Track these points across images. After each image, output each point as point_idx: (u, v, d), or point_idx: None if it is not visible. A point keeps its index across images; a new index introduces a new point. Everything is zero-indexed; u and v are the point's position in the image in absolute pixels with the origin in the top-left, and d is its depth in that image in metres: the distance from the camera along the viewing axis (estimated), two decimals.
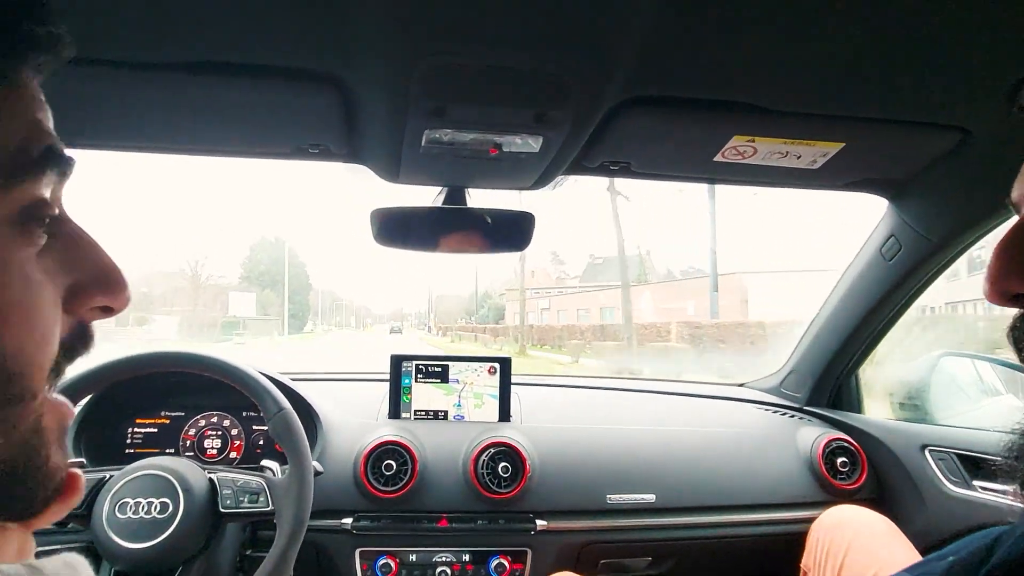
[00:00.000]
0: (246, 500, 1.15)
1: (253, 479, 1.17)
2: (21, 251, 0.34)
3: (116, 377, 1.22)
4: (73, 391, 1.17)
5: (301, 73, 0.84)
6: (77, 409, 1.41)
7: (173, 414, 1.52)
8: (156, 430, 1.50)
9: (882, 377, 1.75)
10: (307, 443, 1.17)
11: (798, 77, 0.86)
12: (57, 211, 0.37)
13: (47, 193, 0.35)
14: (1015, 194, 0.51)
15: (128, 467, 1.13)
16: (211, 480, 1.16)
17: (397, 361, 1.59)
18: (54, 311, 0.36)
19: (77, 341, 0.39)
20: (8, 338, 0.33)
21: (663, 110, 0.93)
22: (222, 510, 1.14)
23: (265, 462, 1.24)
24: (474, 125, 0.90)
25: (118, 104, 0.92)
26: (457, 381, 1.59)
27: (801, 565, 1.34)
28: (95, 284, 0.39)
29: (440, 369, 1.59)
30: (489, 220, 1.21)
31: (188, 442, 1.50)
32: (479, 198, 1.23)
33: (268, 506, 1.15)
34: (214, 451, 1.50)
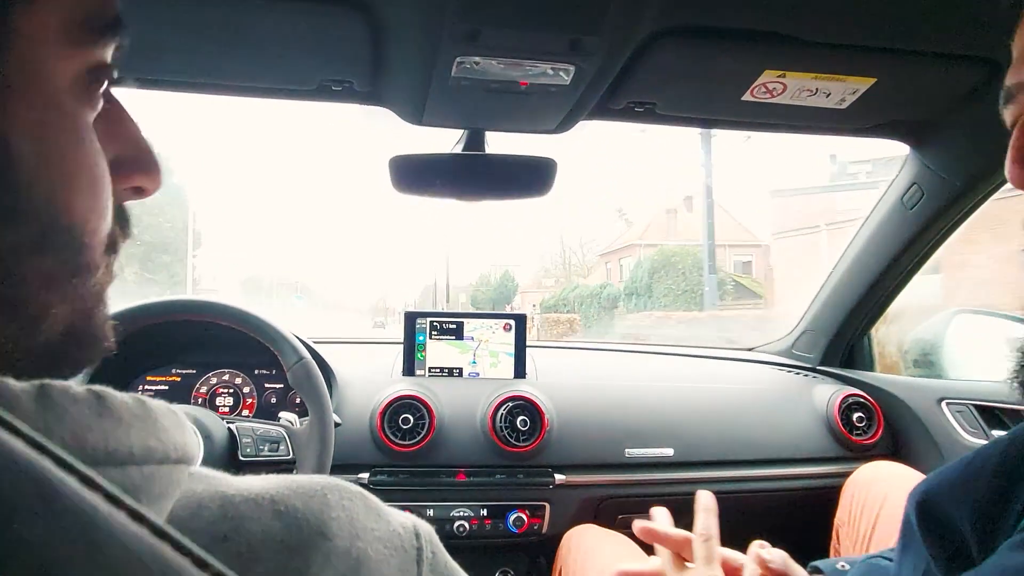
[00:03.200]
0: (266, 449, 1.13)
1: (273, 428, 1.15)
2: (86, 114, 0.33)
3: (131, 326, 1.19)
4: None
5: None
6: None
7: (184, 371, 1.49)
8: (167, 387, 1.48)
9: (895, 336, 1.75)
10: (327, 393, 1.16)
11: (829, 3, 0.85)
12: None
13: (109, 58, 0.35)
14: (1009, 80, 0.52)
15: None
16: (230, 429, 1.14)
17: (411, 317, 1.57)
18: (109, 182, 0.35)
19: (119, 220, 0.38)
20: (77, 205, 0.32)
21: (695, 42, 0.92)
22: (242, 458, 1.12)
23: (283, 414, 1.23)
24: (508, 51, 0.88)
25: (134, 31, 0.90)
26: (472, 338, 1.57)
27: (835, 521, 1.34)
28: (135, 162, 0.38)
29: (455, 326, 1.57)
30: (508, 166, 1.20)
31: (200, 400, 1.48)
32: (497, 147, 1.21)
33: (289, 455, 1.13)
34: (226, 409, 1.48)
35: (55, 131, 0.31)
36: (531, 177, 1.20)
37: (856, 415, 1.52)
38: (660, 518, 0.91)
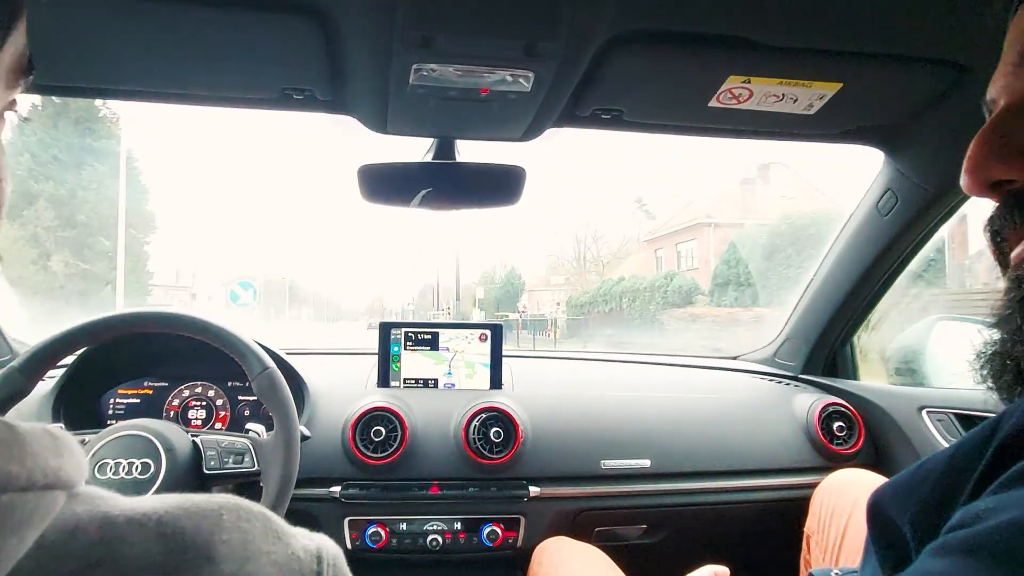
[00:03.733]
0: (231, 461, 1.12)
1: (238, 440, 1.14)
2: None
3: (91, 340, 1.18)
4: (46, 358, 1.12)
5: (282, 4, 0.82)
6: (55, 378, 1.36)
7: (156, 384, 1.48)
8: (139, 400, 1.47)
9: (877, 343, 1.73)
10: (293, 402, 1.14)
11: (793, 8, 0.84)
12: None
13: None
14: (990, 93, 0.51)
15: (107, 429, 1.09)
16: (195, 442, 1.12)
17: (386, 328, 1.56)
18: None
19: None
20: None
21: (657, 48, 0.91)
22: (206, 471, 1.10)
23: (250, 425, 1.21)
24: (464, 58, 0.87)
25: (90, 39, 0.89)
26: (447, 349, 1.56)
27: (804, 529, 1.33)
28: None
29: (430, 337, 1.56)
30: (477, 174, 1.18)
31: (172, 412, 1.46)
32: (468, 156, 1.20)
33: (254, 466, 1.11)
34: (199, 422, 1.47)
35: None
36: (500, 185, 1.19)
37: (836, 424, 1.50)
38: None
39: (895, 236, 1.34)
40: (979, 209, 0.54)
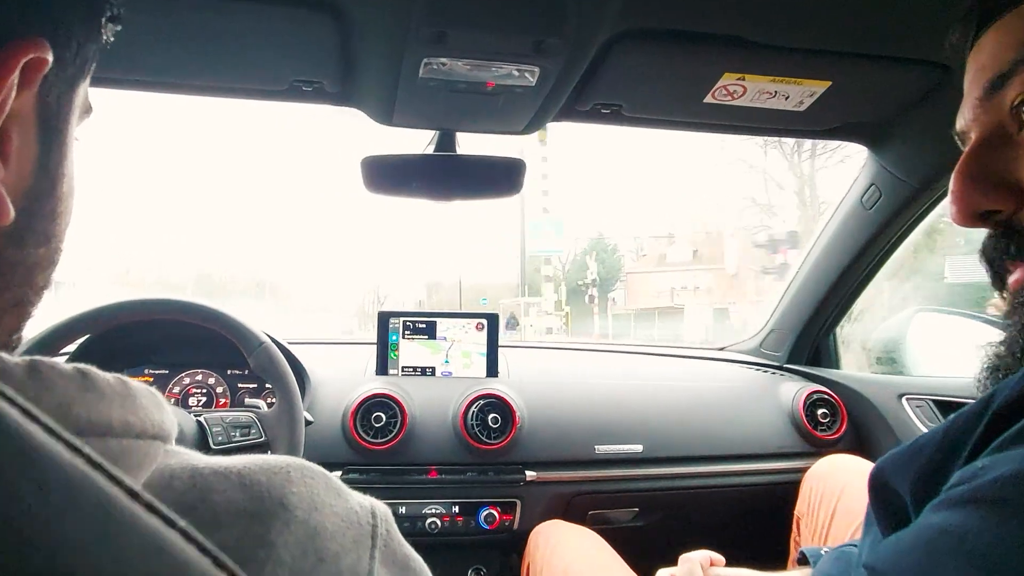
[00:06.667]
0: (238, 434, 1.14)
1: (242, 414, 1.16)
2: None
3: (91, 328, 1.19)
4: (49, 345, 1.13)
5: None
6: None
7: (157, 372, 1.49)
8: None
9: (859, 334, 1.79)
10: (292, 373, 1.17)
11: (786, 8, 0.88)
12: None
13: None
14: (959, 125, 0.53)
15: None
16: (198, 421, 1.14)
17: (384, 318, 1.58)
18: None
19: None
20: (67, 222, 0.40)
21: (656, 45, 0.95)
22: (214, 447, 1.12)
23: (250, 400, 1.23)
24: (474, 52, 0.90)
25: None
26: (445, 338, 1.59)
27: (794, 513, 1.37)
28: None
29: (427, 326, 1.59)
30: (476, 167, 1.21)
31: (173, 400, 1.48)
32: (469, 149, 1.23)
33: (261, 436, 1.14)
34: (199, 408, 1.48)
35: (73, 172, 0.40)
36: (501, 177, 1.22)
37: (820, 411, 1.56)
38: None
39: (878, 229, 1.39)
40: None
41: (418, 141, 1.25)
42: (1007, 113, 0.48)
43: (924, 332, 1.64)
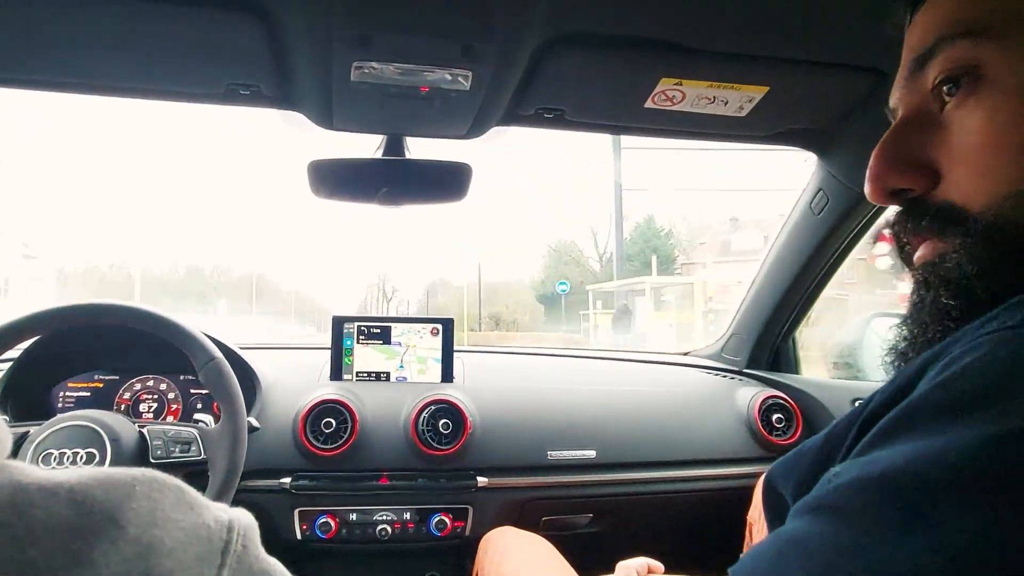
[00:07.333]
0: (177, 450, 1.13)
1: (185, 429, 1.15)
2: None
3: (37, 331, 1.18)
4: None
5: (224, 1, 0.83)
6: (2, 371, 1.36)
7: (107, 377, 1.48)
8: (89, 394, 1.46)
9: (818, 339, 1.80)
10: (240, 392, 1.16)
11: (719, 14, 0.89)
12: None
13: None
14: (891, 101, 0.53)
15: (51, 420, 1.10)
16: (141, 432, 1.14)
17: (339, 322, 1.58)
18: None
19: None
20: None
21: (591, 51, 0.95)
22: (153, 460, 1.12)
23: (198, 415, 1.22)
24: (402, 56, 0.90)
25: (30, 31, 0.90)
26: (400, 344, 1.58)
27: (748, 518, 1.37)
28: None
29: (381, 331, 1.58)
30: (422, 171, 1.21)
31: (123, 406, 1.46)
32: (419, 154, 1.23)
33: (200, 455, 1.13)
34: (150, 415, 1.47)
35: None
36: (446, 182, 1.22)
37: (776, 416, 1.56)
38: None
39: (827, 234, 1.40)
40: None
41: (369, 146, 1.25)
42: (929, 91, 0.49)
43: (880, 336, 1.65)
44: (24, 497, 0.32)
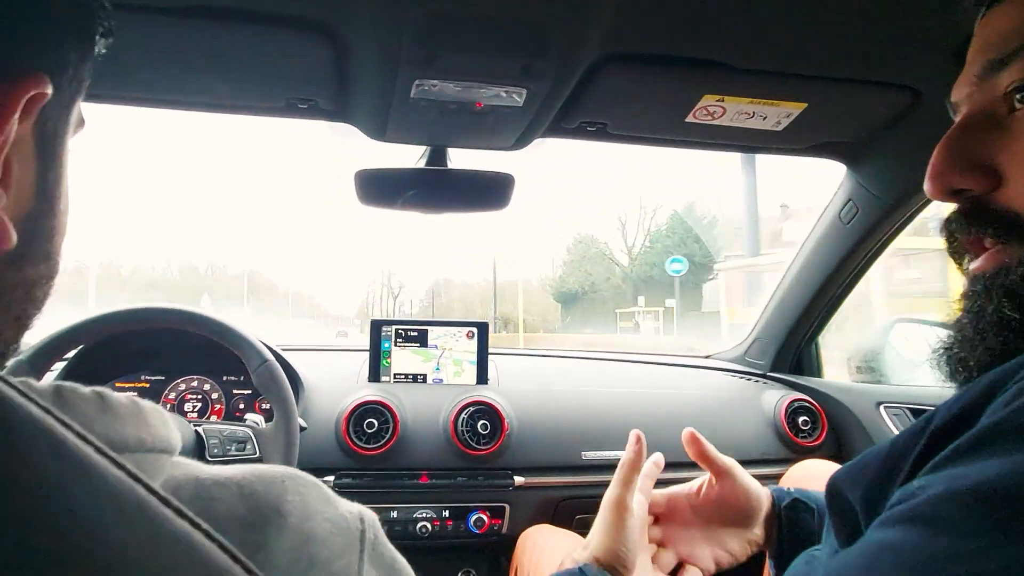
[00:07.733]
0: (233, 448, 1.17)
1: (239, 428, 1.19)
2: None
3: (96, 335, 1.23)
4: (53, 351, 1.17)
5: (294, 21, 0.87)
6: (54, 375, 1.40)
7: (153, 378, 1.52)
8: (136, 394, 1.50)
9: (841, 343, 1.84)
10: (292, 392, 1.20)
11: (764, 35, 0.92)
12: None
13: None
14: (955, 95, 0.54)
15: None
16: (197, 432, 1.18)
17: (377, 326, 1.62)
18: None
19: None
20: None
21: (639, 68, 0.99)
22: (209, 459, 1.15)
23: (249, 415, 1.27)
24: (463, 75, 0.94)
25: (112, 50, 0.94)
26: (436, 347, 1.62)
27: None
28: None
29: (418, 334, 1.62)
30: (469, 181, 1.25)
31: (168, 405, 1.51)
32: (458, 163, 1.27)
33: (256, 453, 1.17)
34: (195, 414, 1.51)
35: (68, 188, 0.41)
36: (490, 191, 1.26)
37: (801, 419, 1.60)
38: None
39: (856, 243, 1.44)
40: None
41: (410, 155, 1.29)
42: (1000, 96, 0.49)
43: (903, 342, 1.69)
44: (206, 491, 0.37)
